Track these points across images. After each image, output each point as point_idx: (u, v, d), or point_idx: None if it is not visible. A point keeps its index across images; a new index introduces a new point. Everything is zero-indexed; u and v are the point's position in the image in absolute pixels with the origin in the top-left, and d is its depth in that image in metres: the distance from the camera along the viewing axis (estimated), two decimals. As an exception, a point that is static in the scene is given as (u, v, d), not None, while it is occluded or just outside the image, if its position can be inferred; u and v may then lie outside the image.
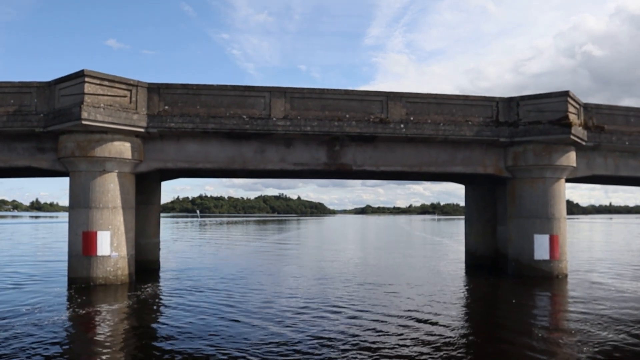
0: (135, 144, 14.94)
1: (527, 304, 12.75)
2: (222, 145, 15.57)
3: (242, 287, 14.88)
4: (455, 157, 16.68)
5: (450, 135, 15.85)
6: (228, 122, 14.82)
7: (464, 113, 16.25)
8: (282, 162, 15.73)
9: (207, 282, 15.80)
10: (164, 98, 14.95)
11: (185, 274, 17.65)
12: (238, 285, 15.22)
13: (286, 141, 15.77)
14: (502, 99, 16.55)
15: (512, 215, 17.10)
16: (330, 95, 15.48)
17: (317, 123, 15.11)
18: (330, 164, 15.92)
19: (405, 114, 15.79)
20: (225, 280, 16.11)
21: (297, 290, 14.04)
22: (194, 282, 15.65)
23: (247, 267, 20.33)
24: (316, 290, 14.25)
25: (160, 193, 19.36)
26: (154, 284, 15.27)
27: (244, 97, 15.18)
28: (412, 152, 16.40)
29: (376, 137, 15.68)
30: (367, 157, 16.12)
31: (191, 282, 15.82)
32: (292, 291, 13.90)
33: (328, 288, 14.59)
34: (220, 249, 29.76)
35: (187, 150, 15.49)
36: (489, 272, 18.65)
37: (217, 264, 21.19)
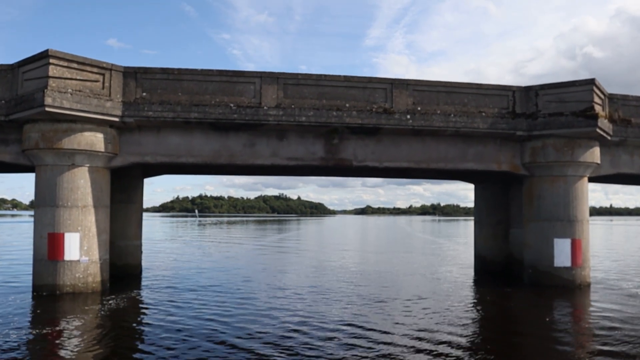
0: (109, 135, 13.30)
1: (554, 320, 11.11)
2: (207, 137, 13.93)
3: (234, 297, 13.21)
4: (467, 152, 15.04)
5: (461, 128, 14.22)
6: (213, 111, 13.20)
7: (476, 103, 14.62)
8: (274, 157, 14.10)
9: (194, 290, 14.11)
10: (142, 84, 13.33)
11: (170, 280, 16.01)
12: (229, 295, 13.54)
13: (279, 133, 14.13)
14: (519, 88, 14.92)
15: (529, 218, 15.46)
16: (328, 82, 13.85)
17: (314, 113, 13.49)
18: (328, 159, 14.28)
19: (412, 104, 14.16)
20: (216, 289, 14.43)
21: (293, 304, 12.38)
22: (178, 291, 13.98)
23: (241, 273, 18.69)
24: (314, 303, 12.59)
25: (142, 191, 17.72)
26: (131, 292, 13.62)
27: (232, 84, 13.55)
28: (419, 147, 14.76)
29: (379, 129, 14.05)
30: (369, 152, 14.48)
31: (175, 290, 14.16)
32: (288, 304, 12.24)
33: (327, 301, 12.95)
34: (214, 251, 28.12)
35: (168, 142, 13.86)
36: (501, 280, 17.01)
37: (208, 269, 19.55)
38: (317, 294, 13.65)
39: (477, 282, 17.00)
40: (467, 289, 15.24)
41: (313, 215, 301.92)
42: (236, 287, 14.80)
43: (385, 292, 14.24)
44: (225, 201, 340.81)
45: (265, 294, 13.73)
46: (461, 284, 16.06)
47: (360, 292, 14.20)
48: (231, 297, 13.11)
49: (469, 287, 15.73)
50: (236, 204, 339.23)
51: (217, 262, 22.19)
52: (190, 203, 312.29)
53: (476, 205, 19.66)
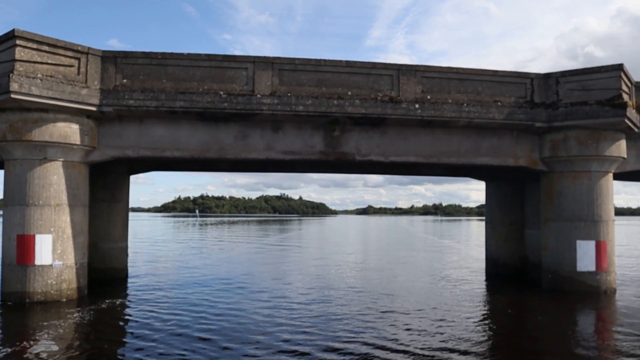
0: (86, 126, 12.01)
1: (580, 333, 9.79)
2: (195, 128, 12.64)
3: (227, 305, 11.89)
4: (481, 145, 13.71)
5: (475, 119, 12.91)
6: (201, 99, 11.91)
7: (491, 92, 13.31)
8: (268, 150, 12.79)
9: (185, 298, 12.76)
10: (122, 69, 12.04)
11: (158, 287, 14.69)
12: (223, 303, 12.20)
13: (274, 124, 12.83)
14: (538, 75, 13.60)
15: (548, 218, 14.12)
16: (329, 68, 12.55)
17: (312, 102, 12.19)
18: (328, 153, 12.97)
19: (421, 92, 12.85)
20: (209, 297, 13.10)
21: (293, 314, 11.07)
22: (167, 299, 12.62)
23: (238, 277, 17.38)
24: (318, 315, 11.26)
25: (128, 189, 16.43)
26: (113, 300, 12.31)
27: (222, 69, 12.26)
28: (429, 139, 13.44)
29: (385, 120, 12.75)
30: (373, 145, 13.17)
31: (163, 298, 12.82)
32: (288, 315, 10.93)
33: (332, 312, 11.63)
34: (212, 252, 26.82)
35: (151, 134, 12.56)
36: (516, 285, 15.69)
37: (203, 273, 18.24)
38: (321, 304, 12.32)
39: (489, 287, 15.66)
40: (479, 296, 13.91)
41: (315, 215, 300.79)
42: (231, 295, 13.48)
43: (392, 301, 12.93)
44: (227, 201, 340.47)
45: (264, 304, 12.40)
46: (472, 290, 14.72)
47: (366, 300, 12.89)
48: (225, 306, 11.76)
49: (481, 294, 14.40)
50: (238, 204, 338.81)
51: (212, 265, 20.89)
52: (191, 203, 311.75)
53: (488, 205, 18.33)
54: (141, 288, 14.34)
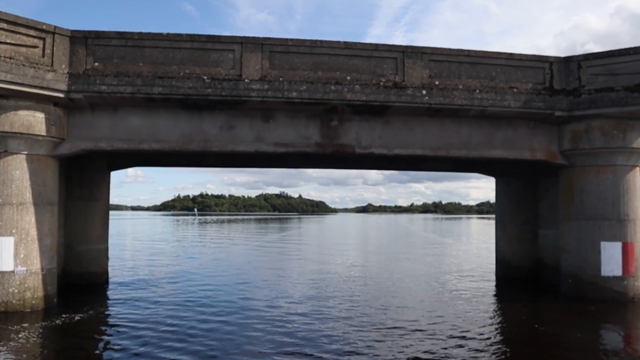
0: (53, 115, 10.69)
1: (609, 349, 8.48)
2: (176, 118, 11.32)
3: (216, 316, 10.59)
4: (494, 137, 12.40)
5: (488, 107, 11.61)
6: (182, 84, 10.59)
7: (506, 77, 11.99)
8: (258, 142, 11.47)
9: (170, 309, 11.39)
10: (94, 51, 10.72)
11: (142, 293, 13.37)
12: (213, 315, 10.86)
13: (264, 113, 11.51)
14: (558, 59, 12.29)
15: (568, 217, 12.81)
16: (326, 50, 11.23)
17: (307, 87, 10.87)
18: (325, 145, 11.65)
19: (428, 77, 11.53)
20: (197, 305, 11.80)
21: (288, 329, 9.76)
22: (148, 310, 11.22)
23: (230, 280, 16.07)
24: (315, 328, 9.96)
25: (108, 186, 15.10)
26: (86, 310, 10.97)
27: (205, 51, 10.94)
28: (437, 130, 12.12)
29: (388, 108, 11.43)
30: (375, 136, 11.85)
31: (145, 308, 11.44)
32: (282, 328, 9.62)
33: (331, 324, 10.34)
34: (203, 253, 25.49)
35: (127, 124, 11.24)
36: (530, 290, 14.40)
37: (192, 276, 16.93)
38: (318, 314, 11.01)
39: (501, 293, 14.34)
40: (490, 303, 12.59)
41: (314, 213, 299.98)
42: (223, 306, 12.15)
43: (393, 312, 11.62)
44: (226, 200, 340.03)
45: (257, 313, 11.09)
46: (482, 296, 13.40)
47: (365, 311, 11.59)
48: (216, 320, 10.40)
49: (492, 300, 13.08)
50: (237, 202, 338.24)
51: (204, 266, 19.58)
52: (191, 202, 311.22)
53: (498, 202, 17.01)
54: (121, 295, 13.02)
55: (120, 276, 16.32)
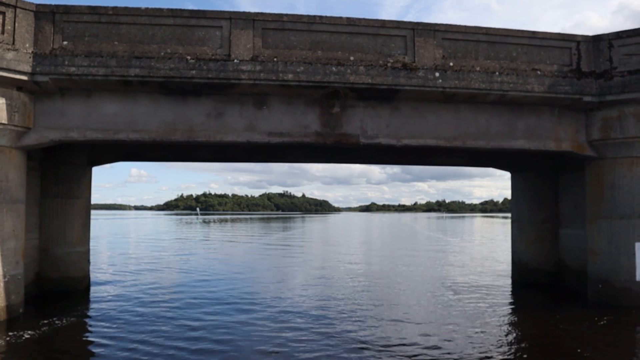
0: (17, 101, 9.42)
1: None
2: (156, 104, 10.03)
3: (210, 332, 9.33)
4: (515, 126, 11.07)
5: (509, 91, 10.29)
6: (162, 65, 9.31)
7: (529, 58, 10.67)
8: (250, 131, 10.17)
9: (155, 321, 10.07)
10: (63, 29, 9.45)
11: (127, 301, 12.12)
12: (202, 328, 9.63)
13: (256, 98, 10.21)
14: (586, 38, 10.96)
15: (597, 215, 11.47)
16: (326, 27, 9.93)
17: (305, 69, 9.57)
18: (325, 135, 10.34)
19: (442, 58, 10.22)
20: (187, 316, 10.55)
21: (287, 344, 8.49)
22: (131, 321, 9.92)
23: (226, 285, 14.81)
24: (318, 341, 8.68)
25: (89, 182, 13.84)
26: (57, 322, 9.71)
27: (189, 28, 9.66)
28: (451, 118, 10.80)
29: (397, 93, 10.13)
30: (382, 125, 10.53)
31: (128, 318, 10.17)
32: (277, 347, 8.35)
33: (335, 334, 9.05)
34: (201, 253, 24.21)
35: (101, 112, 9.96)
36: (551, 296, 13.11)
37: (185, 280, 15.68)
38: (322, 324, 9.75)
39: (519, 300, 13.01)
40: (508, 314, 11.23)
41: (318, 212, 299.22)
42: (217, 315, 10.88)
43: (403, 323, 10.32)
44: (230, 199, 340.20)
45: (253, 328, 9.82)
46: (499, 304, 12.07)
47: (372, 321, 10.29)
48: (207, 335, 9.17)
49: (510, 309, 11.73)
50: (240, 201, 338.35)
51: (198, 269, 18.32)
52: (194, 201, 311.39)
53: (515, 200, 15.67)
54: (102, 303, 11.77)
55: (105, 281, 15.05)
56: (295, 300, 12.10)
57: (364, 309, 11.30)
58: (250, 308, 11.30)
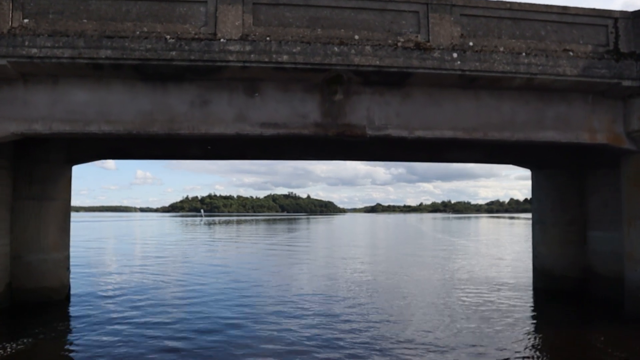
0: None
1: None
2: (133, 91, 8.75)
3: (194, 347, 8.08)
4: (544, 115, 9.72)
5: (538, 75, 8.94)
6: (137, 46, 8.03)
7: (559, 37, 9.33)
8: (240, 122, 8.86)
9: (138, 343, 8.82)
10: (23, 5, 8.20)
11: (107, 315, 10.91)
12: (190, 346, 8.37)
13: (247, 84, 8.91)
14: (625, 14, 9.62)
15: (637, 215, 10.10)
16: (326, 1, 8.63)
17: (302, 49, 8.27)
18: (326, 126, 9.02)
19: (460, 36, 8.89)
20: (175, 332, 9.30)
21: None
22: (109, 342, 8.73)
23: (222, 294, 13.57)
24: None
25: (69, 183, 12.59)
26: (24, 340, 8.48)
27: (169, 4, 8.39)
28: (471, 106, 9.46)
29: (409, 77, 8.81)
30: (391, 114, 9.20)
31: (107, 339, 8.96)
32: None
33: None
34: (199, 257, 22.96)
35: (70, 101, 8.69)
36: (579, 307, 11.81)
37: (179, 290, 14.45)
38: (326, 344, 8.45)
39: (543, 312, 11.67)
40: (531, 330, 9.93)
41: (323, 213, 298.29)
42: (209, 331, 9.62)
43: (412, 343, 9.00)
44: (235, 200, 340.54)
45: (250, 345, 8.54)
46: (520, 318, 10.73)
47: (377, 342, 8.98)
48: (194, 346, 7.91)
49: (533, 324, 10.43)
50: (245, 203, 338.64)
51: (195, 274, 17.06)
52: (199, 203, 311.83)
53: (536, 199, 14.29)
54: (80, 319, 10.51)
55: (90, 292, 13.79)
56: (299, 324, 10.81)
57: (374, 326, 10.00)
58: (244, 328, 10.01)
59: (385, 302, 12.37)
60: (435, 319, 10.46)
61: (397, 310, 11.49)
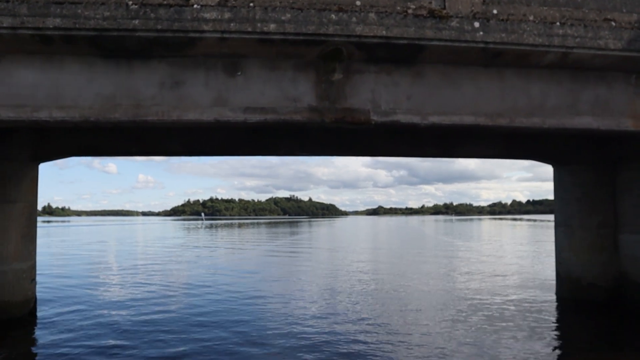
0: None
1: None
2: (91, 71, 7.30)
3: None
4: (579, 97, 8.25)
5: (575, 48, 7.49)
6: (93, 13, 6.59)
7: (599, 4, 7.85)
8: (219, 107, 7.40)
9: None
10: (-45, -35, 6.75)
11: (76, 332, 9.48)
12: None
13: (228, 61, 7.45)
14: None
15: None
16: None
17: (293, 17, 6.82)
18: (323, 111, 7.55)
19: (482, 3, 7.43)
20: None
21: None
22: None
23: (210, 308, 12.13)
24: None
25: (34, 183, 11.16)
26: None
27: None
28: (495, 88, 8.00)
29: (422, 51, 7.36)
30: (401, 96, 7.73)
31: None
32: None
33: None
34: (190, 263, 21.51)
35: (15, 82, 7.24)
36: (614, 321, 10.34)
37: (163, 302, 13.01)
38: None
39: (571, 328, 10.24)
40: (562, 354, 8.45)
41: (325, 216, 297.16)
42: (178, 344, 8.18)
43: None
44: (236, 204, 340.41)
45: None
46: (547, 337, 9.26)
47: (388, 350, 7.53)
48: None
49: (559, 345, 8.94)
50: (247, 206, 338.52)
51: (182, 283, 15.61)
52: (201, 206, 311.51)
53: (560, 199, 12.80)
54: (47, 336, 9.09)
55: (65, 302, 12.35)
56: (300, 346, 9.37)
57: (381, 347, 8.54)
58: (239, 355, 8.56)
59: (401, 307, 10.92)
60: (453, 330, 9.00)
61: (416, 318, 10.04)
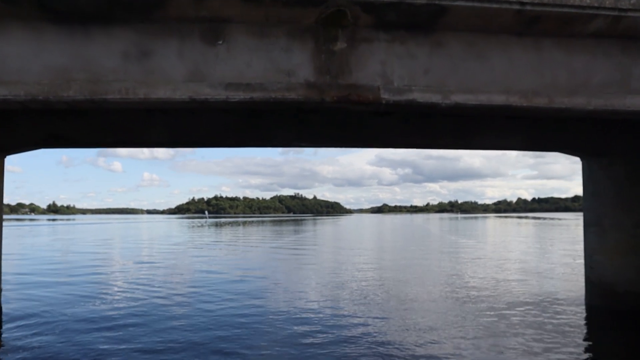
0: None
1: None
2: (40, 39, 6.00)
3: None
4: (630, 73, 6.89)
5: (629, 11, 6.18)
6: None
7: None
8: (195, 82, 6.07)
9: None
10: None
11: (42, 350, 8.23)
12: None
13: (207, 27, 6.12)
14: None
15: None
16: None
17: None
18: (322, 87, 6.22)
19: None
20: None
21: None
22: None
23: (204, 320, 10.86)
24: None
25: (1, 177, 9.92)
26: None
27: None
28: (530, 60, 6.64)
29: (443, 15, 6.02)
30: (417, 70, 6.39)
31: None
32: None
33: None
34: (186, 264, 20.27)
35: (-53, 53, 5.97)
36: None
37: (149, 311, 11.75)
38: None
39: (609, 345, 8.87)
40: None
41: (329, 214, 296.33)
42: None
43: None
44: (241, 202, 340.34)
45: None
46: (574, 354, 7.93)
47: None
48: None
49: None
50: (252, 204, 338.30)
51: (170, 287, 14.36)
52: (205, 204, 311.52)
53: (590, 196, 11.44)
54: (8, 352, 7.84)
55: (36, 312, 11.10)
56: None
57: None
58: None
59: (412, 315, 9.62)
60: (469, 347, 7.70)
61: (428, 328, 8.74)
